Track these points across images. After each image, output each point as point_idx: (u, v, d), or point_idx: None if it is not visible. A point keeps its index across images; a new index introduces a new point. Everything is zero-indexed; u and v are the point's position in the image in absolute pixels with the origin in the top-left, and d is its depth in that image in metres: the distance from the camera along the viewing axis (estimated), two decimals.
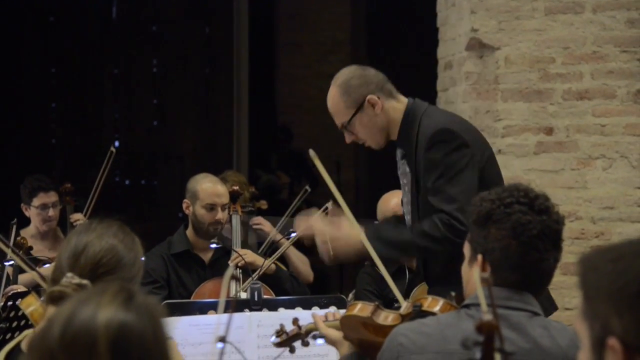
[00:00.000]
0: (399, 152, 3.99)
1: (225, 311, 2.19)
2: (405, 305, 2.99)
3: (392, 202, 5.37)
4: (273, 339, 3.14)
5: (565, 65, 5.70)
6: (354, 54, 10.33)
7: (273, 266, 5.30)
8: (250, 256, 5.12)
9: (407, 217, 4.00)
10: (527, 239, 2.64)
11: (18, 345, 2.65)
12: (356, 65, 4.11)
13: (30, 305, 2.80)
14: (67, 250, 2.63)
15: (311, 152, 3.40)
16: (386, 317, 2.95)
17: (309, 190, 6.04)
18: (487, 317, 1.76)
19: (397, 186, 5.56)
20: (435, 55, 6.27)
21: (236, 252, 5.09)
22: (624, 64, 5.68)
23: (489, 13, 5.71)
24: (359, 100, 3.92)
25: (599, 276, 1.69)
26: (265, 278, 5.01)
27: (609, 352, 1.66)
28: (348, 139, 4.04)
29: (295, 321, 3.13)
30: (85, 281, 2.55)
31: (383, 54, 9.74)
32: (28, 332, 2.69)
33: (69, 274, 2.57)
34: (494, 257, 2.66)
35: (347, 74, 4.00)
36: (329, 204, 3.55)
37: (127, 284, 1.83)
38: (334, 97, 4.02)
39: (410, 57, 9.29)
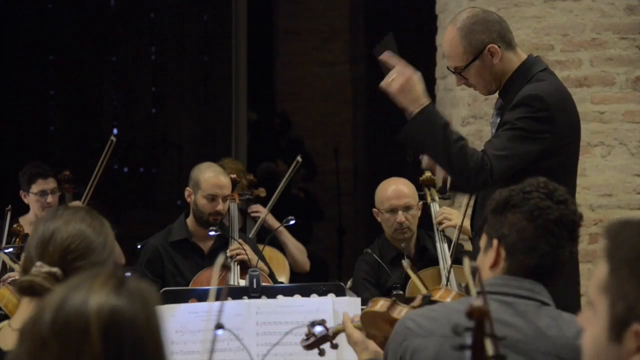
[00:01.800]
0: (498, 102, 3.86)
1: (219, 299, 2.19)
2: (417, 298, 3.02)
3: (390, 189, 5.36)
4: (302, 342, 3.14)
5: (564, 52, 5.70)
6: (352, 42, 10.32)
7: (267, 270, 5.31)
8: (249, 252, 5.12)
9: None
10: (543, 222, 2.64)
11: None
12: (479, 7, 3.94)
13: (4, 297, 2.77)
14: (35, 239, 2.59)
15: (404, 263, 3.35)
16: (401, 311, 2.99)
17: (300, 161, 6.03)
18: (478, 302, 1.77)
19: (395, 173, 5.56)
20: (434, 42, 6.26)
21: (239, 242, 5.08)
22: (623, 50, 5.68)
23: (487, 0, 5.70)
24: (479, 48, 3.74)
25: (632, 257, 1.67)
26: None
27: (631, 336, 1.64)
28: (458, 82, 3.83)
29: (322, 322, 3.13)
30: (55, 269, 2.52)
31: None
32: (3, 324, 2.66)
33: (38, 263, 2.53)
34: (509, 241, 2.66)
35: (469, 17, 3.78)
36: None
37: (118, 271, 1.83)
38: (452, 40, 3.79)
39: (409, 44, 9.27)
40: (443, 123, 3.67)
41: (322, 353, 3.14)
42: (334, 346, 3.12)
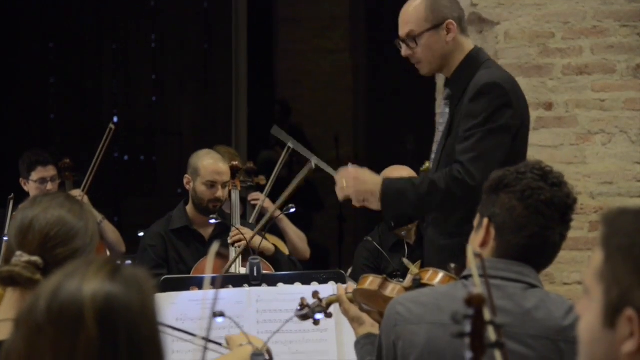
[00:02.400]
0: (446, 91, 3.94)
1: (216, 286, 2.18)
2: (407, 278, 3.04)
3: (392, 177, 5.36)
4: (296, 311, 3.15)
5: (565, 40, 5.69)
6: (353, 30, 10.30)
7: (272, 248, 5.30)
8: (249, 236, 5.12)
9: (431, 156, 3.99)
10: (534, 202, 2.65)
11: None
12: None
13: None
14: (14, 228, 2.55)
15: (405, 261, 3.44)
16: (392, 290, 3.00)
17: (291, 147, 6.05)
18: (477, 290, 1.77)
19: (396, 161, 5.55)
20: None
21: (238, 229, 5.09)
22: (624, 38, 5.67)
23: None
24: (440, 19, 3.85)
25: (628, 244, 1.68)
26: (263, 259, 5.01)
27: (624, 321, 1.65)
28: (405, 51, 3.91)
29: (315, 294, 3.14)
30: (35, 258, 2.49)
31: (382, 29, 9.71)
32: None
33: (18, 253, 2.50)
34: (499, 220, 2.67)
35: None
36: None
37: (112, 258, 1.83)
38: (417, 6, 3.89)
39: None
40: (403, 184, 3.79)
41: (316, 323, 3.16)
42: (328, 315, 3.13)
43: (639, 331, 1.64)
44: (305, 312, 3.14)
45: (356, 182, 3.76)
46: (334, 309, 3.15)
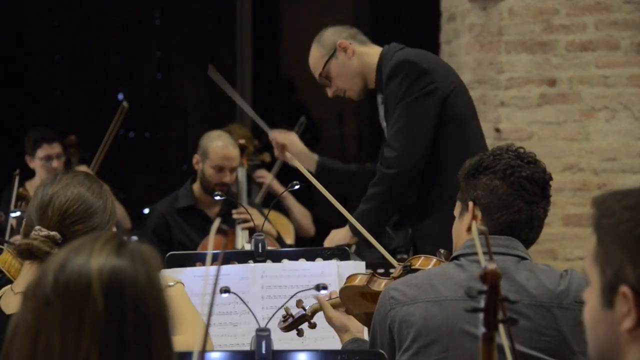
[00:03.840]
0: (379, 98, 4.08)
1: (223, 262, 2.20)
2: (397, 268, 3.04)
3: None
4: (280, 323, 3.15)
5: (569, 17, 5.68)
6: (357, 7, 10.27)
7: (275, 234, 5.32)
8: (256, 217, 5.14)
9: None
10: (516, 179, 2.71)
11: None
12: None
13: (6, 262, 2.80)
14: (35, 204, 2.61)
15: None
16: (380, 284, 2.99)
17: (304, 122, 6.03)
18: (492, 266, 1.78)
19: None
20: (439, 7, 6.24)
21: (245, 209, 5.11)
22: (627, 14, 5.66)
23: None
24: (331, 47, 4.16)
25: (615, 222, 1.70)
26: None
27: (620, 299, 1.67)
28: (330, 92, 4.26)
29: (299, 303, 3.13)
30: (53, 233, 2.55)
31: (386, 6, 9.69)
32: (6, 289, 2.68)
33: (37, 227, 2.56)
34: (483, 201, 2.73)
35: (322, 31, 4.30)
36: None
37: (119, 233, 1.85)
38: (311, 54, 4.30)
39: (413, 9, 9.24)
40: (357, 216, 4.05)
41: (300, 333, 3.14)
42: (312, 325, 3.13)
43: (634, 307, 1.66)
44: (290, 322, 3.14)
45: (332, 242, 4.19)
46: (318, 318, 3.14)
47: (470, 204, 2.75)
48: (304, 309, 3.11)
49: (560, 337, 2.66)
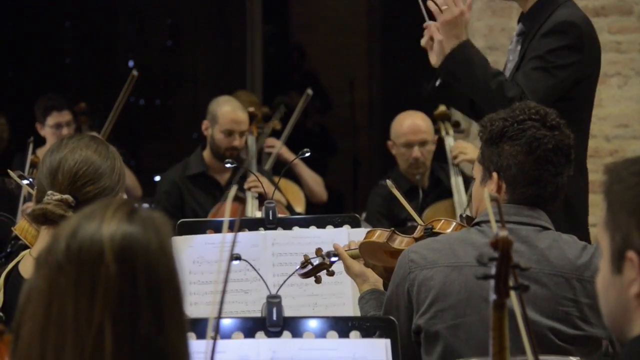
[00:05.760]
0: (519, 27, 3.83)
1: (234, 230, 2.21)
2: (418, 229, 3.04)
3: (407, 123, 5.36)
4: (299, 270, 3.16)
5: None
6: None
7: (284, 202, 5.33)
8: (266, 184, 5.14)
9: None
10: (542, 152, 2.68)
11: (17, 268, 2.69)
12: None
13: (23, 229, 2.83)
14: (44, 171, 2.66)
15: (388, 183, 3.37)
16: (401, 242, 3.00)
17: (310, 94, 6.00)
18: (503, 233, 1.78)
19: (411, 106, 5.55)
20: None
21: (255, 175, 5.12)
22: None
23: None
24: None
25: (623, 189, 1.71)
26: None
27: (628, 264, 1.68)
28: None
29: (318, 251, 3.15)
30: (66, 196, 2.60)
31: None
32: (24, 254, 2.72)
33: (49, 192, 2.60)
34: (509, 174, 2.70)
35: None
36: None
37: (130, 200, 1.86)
38: None
39: None
40: (481, 59, 3.69)
41: (318, 280, 3.17)
42: (330, 273, 3.15)
43: (639, 271, 1.66)
44: (308, 270, 3.15)
45: (453, 20, 3.70)
46: (336, 267, 3.15)
47: (495, 175, 2.73)
48: (323, 257, 3.12)
49: (577, 309, 2.66)
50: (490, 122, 2.76)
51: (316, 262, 3.12)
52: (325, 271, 3.14)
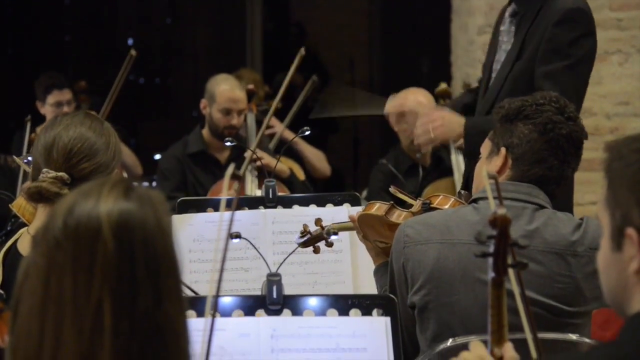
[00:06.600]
0: (512, 7, 3.77)
1: (234, 208, 2.20)
2: (416, 204, 3.04)
3: (408, 99, 5.35)
4: (297, 239, 3.17)
5: None
6: None
7: (287, 171, 5.32)
8: (266, 159, 5.13)
9: (493, 76, 3.82)
10: (555, 136, 2.69)
11: (15, 246, 2.69)
12: None
13: (21, 206, 2.84)
14: (39, 148, 2.67)
15: (391, 189, 3.36)
16: (399, 216, 3.01)
17: (317, 80, 5.96)
18: (501, 210, 1.78)
19: (411, 84, 5.53)
20: None
21: (253, 152, 5.11)
22: None
23: None
24: None
25: (623, 166, 1.71)
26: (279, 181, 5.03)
27: (627, 241, 1.68)
28: None
29: (318, 221, 3.16)
30: (61, 173, 2.60)
31: None
32: (22, 231, 2.73)
33: (44, 170, 2.61)
34: (517, 150, 2.71)
35: None
36: None
37: (126, 178, 1.86)
38: None
39: None
40: (486, 120, 3.57)
41: (316, 250, 3.18)
42: (329, 244, 3.16)
43: (639, 248, 1.67)
44: (307, 239, 3.16)
45: (442, 126, 3.72)
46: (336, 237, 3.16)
47: (503, 150, 2.74)
48: (323, 227, 3.13)
49: (573, 285, 2.66)
50: (509, 102, 2.78)
51: (315, 232, 3.14)
52: (324, 242, 3.15)
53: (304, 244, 3.16)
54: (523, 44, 3.69)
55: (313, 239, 3.16)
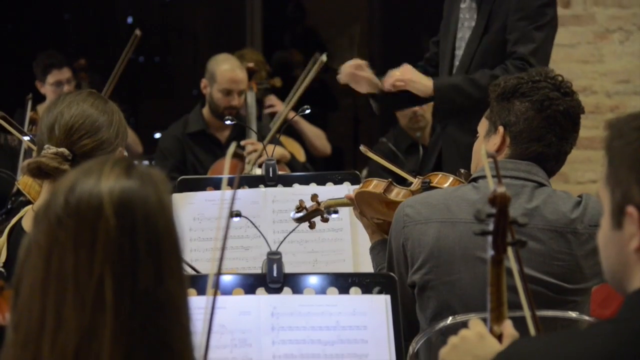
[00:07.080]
0: None
1: (234, 187, 2.20)
2: (415, 182, 3.04)
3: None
4: (293, 214, 3.18)
5: None
6: None
7: (288, 155, 5.32)
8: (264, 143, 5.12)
9: (458, 52, 4.01)
10: (552, 112, 2.69)
11: (20, 224, 2.71)
12: None
13: (27, 184, 2.85)
14: (42, 127, 2.70)
15: (362, 148, 3.43)
16: (398, 194, 3.01)
17: (325, 60, 5.88)
18: (501, 189, 1.78)
19: (410, 62, 5.52)
20: None
21: (252, 142, 5.10)
22: None
23: None
24: None
25: (623, 144, 1.71)
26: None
27: (627, 219, 1.69)
28: None
29: (314, 197, 3.16)
30: (61, 149, 2.63)
31: None
32: (27, 209, 2.74)
33: (46, 146, 2.64)
34: (515, 129, 2.71)
35: None
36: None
37: (128, 157, 1.87)
38: None
39: None
40: (457, 79, 3.87)
41: (312, 226, 3.19)
42: (325, 219, 3.16)
43: (639, 226, 1.67)
44: (303, 214, 3.16)
45: (406, 79, 3.98)
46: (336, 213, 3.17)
47: (501, 128, 2.73)
48: (318, 203, 3.14)
49: (573, 262, 2.67)
50: (505, 80, 2.77)
51: (311, 207, 3.14)
52: (319, 217, 3.16)
53: (299, 219, 3.17)
54: (489, 19, 3.87)
55: (309, 214, 3.17)
